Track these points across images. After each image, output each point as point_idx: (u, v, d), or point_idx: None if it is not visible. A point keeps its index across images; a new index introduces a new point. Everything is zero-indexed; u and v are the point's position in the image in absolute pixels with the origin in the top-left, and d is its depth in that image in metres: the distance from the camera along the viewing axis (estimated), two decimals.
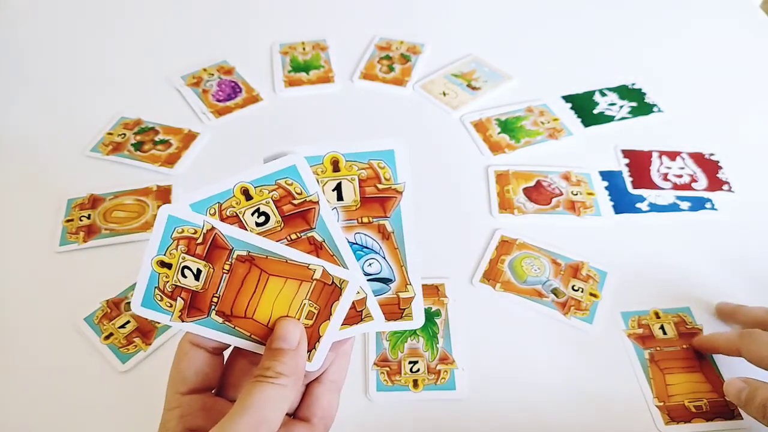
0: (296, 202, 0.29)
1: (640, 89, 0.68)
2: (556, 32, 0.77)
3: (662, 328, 0.46)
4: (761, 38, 0.76)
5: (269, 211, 0.29)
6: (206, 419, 0.28)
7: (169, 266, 0.29)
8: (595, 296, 0.48)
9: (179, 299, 0.29)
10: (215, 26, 0.78)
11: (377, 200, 0.30)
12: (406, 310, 0.31)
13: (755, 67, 0.72)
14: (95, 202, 0.55)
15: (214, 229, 0.29)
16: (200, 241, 0.29)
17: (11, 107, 0.67)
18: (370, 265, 0.30)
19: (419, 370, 0.44)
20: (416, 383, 0.43)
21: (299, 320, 0.29)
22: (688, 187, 0.56)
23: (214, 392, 0.31)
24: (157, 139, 0.62)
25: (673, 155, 0.60)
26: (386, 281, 0.30)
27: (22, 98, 0.68)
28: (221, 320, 0.29)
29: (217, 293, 0.29)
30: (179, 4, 0.82)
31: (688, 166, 0.58)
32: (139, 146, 0.61)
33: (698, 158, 0.59)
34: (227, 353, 0.32)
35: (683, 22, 0.79)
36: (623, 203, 0.55)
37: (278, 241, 0.29)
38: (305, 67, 0.71)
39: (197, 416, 0.28)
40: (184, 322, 0.29)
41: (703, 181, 0.57)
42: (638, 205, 0.55)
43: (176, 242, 0.29)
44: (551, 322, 0.47)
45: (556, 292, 0.48)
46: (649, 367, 0.44)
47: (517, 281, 0.49)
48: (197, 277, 0.29)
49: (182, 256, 0.29)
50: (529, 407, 0.42)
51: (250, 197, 0.29)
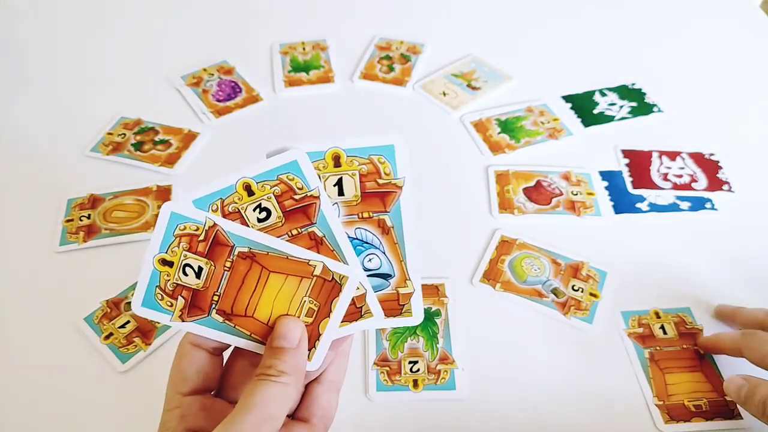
0: (297, 197, 0.29)
1: (640, 89, 0.68)
2: (556, 32, 0.77)
3: (662, 327, 0.46)
4: (761, 38, 0.76)
5: (271, 206, 0.29)
6: (207, 419, 0.28)
7: (170, 264, 0.29)
8: (595, 296, 0.48)
9: (180, 298, 0.29)
10: (215, 26, 0.78)
11: (377, 195, 0.30)
12: (405, 306, 0.31)
13: (755, 67, 0.72)
14: (95, 202, 0.55)
15: (216, 225, 0.29)
16: (202, 238, 0.29)
17: (11, 107, 0.67)
18: (370, 260, 0.30)
19: (419, 370, 0.44)
20: (416, 383, 0.43)
21: (299, 318, 0.29)
22: (688, 187, 0.56)
23: (213, 394, 0.31)
24: (157, 139, 0.62)
25: (673, 155, 0.60)
26: (386, 276, 0.30)
27: (22, 98, 0.68)
28: (221, 319, 0.29)
29: (218, 291, 0.29)
30: (179, 4, 0.82)
31: (688, 166, 0.58)
32: (139, 146, 0.61)
33: (698, 158, 0.59)
34: (227, 354, 0.32)
35: (683, 22, 0.79)
36: (623, 203, 0.55)
37: (279, 236, 0.29)
38: (305, 67, 0.71)
39: (198, 416, 0.28)
40: (184, 322, 0.29)
41: (703, 181, 0.57)
42: (638, 205, 0.55)
43: (178, 239, 0.29)
44: (551, 322, 0.47)
45: (556, 292, 0.48)
46: (649, 366, 0.44)
47: (517, 281, 0.49)
48: (198, 275, 0.29)
49: (184, 253, 0.29)
50: (529, 407, 0.42)
51: (252, 193, 0.29)
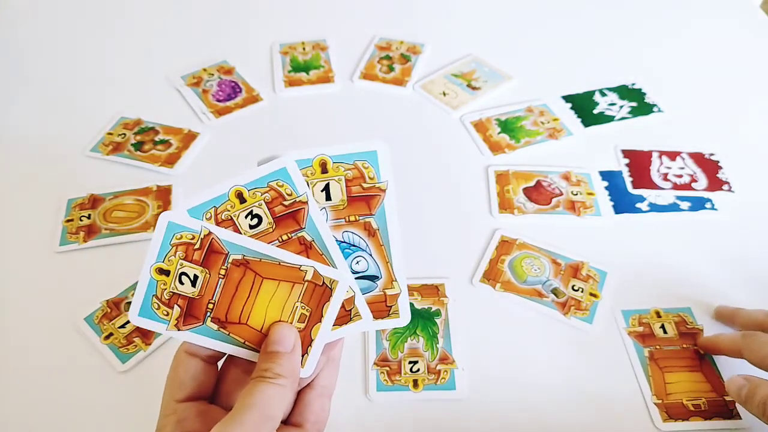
0: (287, 203, 0.30)
1: (640, 89, 0.68)
2: (556, 32, 0.77)
3: (663, 327, 0.46)
4: (761, 38, 0.76)
5: (262, 213, 0.30)
6: (203, 424, 0.29)
7: (167, 273, 0.30)
8: (595, 296, 0.48)
9: (176, 307, 0.30)
10: (215, 26, 0.78)
11: (363, 198, 0.31)
12: (393, 307, 0.31)
13: (755, 67, 0.72)
14: (95, 202, 0.55)
15: (210, 234, 0.29)
16: (198, 246, 0.29)
17: (11, 107, 0.67)
18: (357, 262, 0.31)
19: (419, 370, 0.44)
20: (416, 383, 0.43)
21: (292, 324, 0.30)
22: (688, 187, 0.56)
23: (207, 401, 0.31)
24: (157, 139, 0.62)
25: (673, 155, 0.60)
26: (373, 278, 0.31)
27: (22, 98, 0.68)
28: (216, 327, 0.30)
29: (212, 299, 0.30)
30: (179, 4, 0.82)
31: (688, 166, 0.58)
32: (139, 146, 0.61)
33: (698, 158, 0.59)
34: (221, 364, 0.32)
35: (683, 22, 0.79)
36: (623, 203, 0.55)
37: (270, 242, 0.30)
38: (305, 67, 0.71)
39: (194, 421, 0.29)
40: (179, 330, 0.30)
41: (703, 181, 0.57)
42: (638, 205, 0.55)
43: (175, 248, 0.29)
44: (551, 322, 0.47)
45: (556, 292, 0.48)
46: (648, 365, 0.44)
47: (517, 281, 0.49)
48: (194, 283, 0.30)
49: (180, 262, 0.30)
50: (529, 407, 0.42)
51: (244, 200, 0.30)
